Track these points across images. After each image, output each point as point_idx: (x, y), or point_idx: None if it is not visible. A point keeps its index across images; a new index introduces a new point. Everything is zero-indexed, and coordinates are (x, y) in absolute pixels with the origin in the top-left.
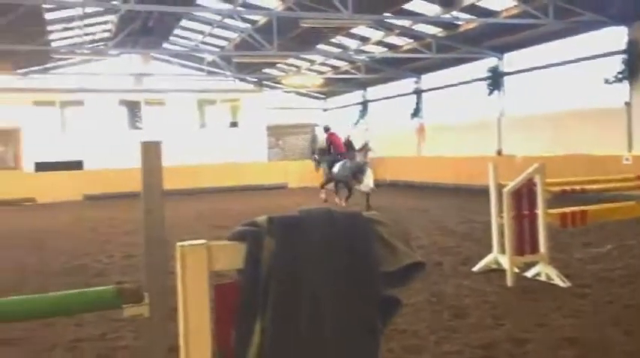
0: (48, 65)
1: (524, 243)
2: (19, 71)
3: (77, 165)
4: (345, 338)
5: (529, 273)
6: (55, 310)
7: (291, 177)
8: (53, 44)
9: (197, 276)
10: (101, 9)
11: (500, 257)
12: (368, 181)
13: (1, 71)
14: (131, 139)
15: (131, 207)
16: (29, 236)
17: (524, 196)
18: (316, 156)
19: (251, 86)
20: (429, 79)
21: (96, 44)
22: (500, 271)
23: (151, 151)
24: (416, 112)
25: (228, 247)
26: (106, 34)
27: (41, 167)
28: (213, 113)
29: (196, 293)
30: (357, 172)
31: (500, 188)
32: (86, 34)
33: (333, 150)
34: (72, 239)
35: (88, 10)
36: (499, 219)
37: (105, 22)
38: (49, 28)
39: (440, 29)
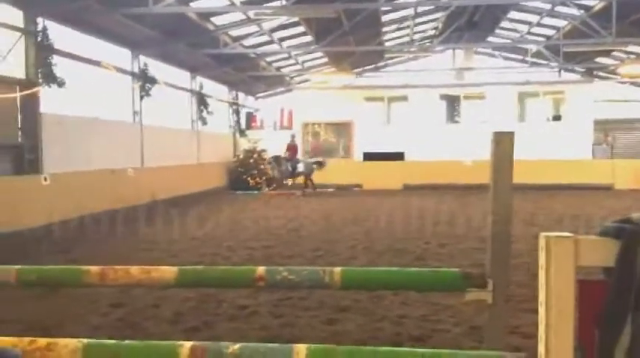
0: (379, 64)
1: None
2: (355, 70)
3: (399, 156)
4: None
5: None
6: (408, 284)
7: (620, 177)
8: (386, 44)
9: (563, 270)
10: (432, 7)
11: None
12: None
13: (341, 71)
14: (449, 133)
15: (443, 199)
16: (358, 218)
17: None
18: (273, 163)
19: (578, 77)
20: None
21: (422, 42)
22: None
23: (504, 142)
24: None
25: (597, 243)
26: (432, 32)
27: (368, 157)
28: (533, 106)
29: (561, 286)
30: (312, 167)
31: None
32: (415, 33)
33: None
34: (392, 224)
35: (419, 9)
36: None
37: (433, 20)
38: (384, 29)
39: None
